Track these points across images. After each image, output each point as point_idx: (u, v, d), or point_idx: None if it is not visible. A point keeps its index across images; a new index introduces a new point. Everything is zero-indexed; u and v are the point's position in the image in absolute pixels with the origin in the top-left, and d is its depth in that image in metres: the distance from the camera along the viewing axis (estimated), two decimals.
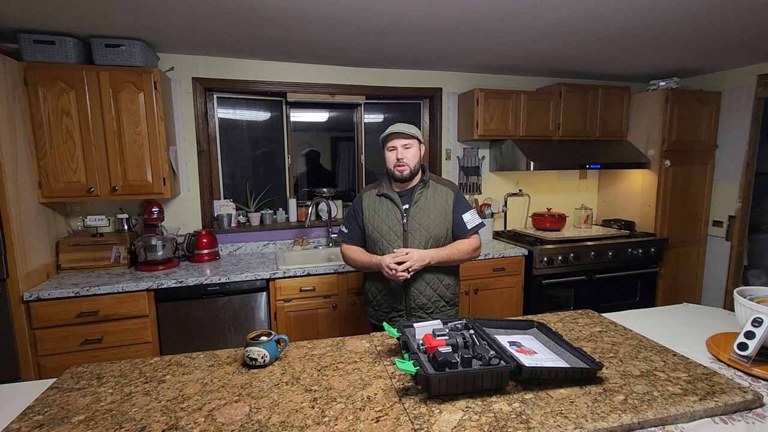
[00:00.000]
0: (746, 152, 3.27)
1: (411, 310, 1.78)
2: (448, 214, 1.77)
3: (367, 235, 1.82)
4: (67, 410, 1.09)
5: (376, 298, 1.84)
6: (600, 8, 2.03)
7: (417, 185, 1.78)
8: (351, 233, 1.88)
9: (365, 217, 1.82)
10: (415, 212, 1.74)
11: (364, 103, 3.33)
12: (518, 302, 3.01)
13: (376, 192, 1.83)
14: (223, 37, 2.40)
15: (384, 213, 1.78)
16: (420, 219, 1.74)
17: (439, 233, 1.75)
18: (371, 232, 1.79)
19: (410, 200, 1.76)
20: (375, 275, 1.81)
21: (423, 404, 1.06)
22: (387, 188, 1.81)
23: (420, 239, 1.73)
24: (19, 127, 2.18)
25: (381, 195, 1.81)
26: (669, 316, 1.78)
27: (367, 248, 1.86)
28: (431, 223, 1.74)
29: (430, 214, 1.75)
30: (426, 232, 1.73)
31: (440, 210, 1.76)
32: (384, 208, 1.78)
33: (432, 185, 1.80)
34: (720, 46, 2.70)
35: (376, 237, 1.78)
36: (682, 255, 3.47)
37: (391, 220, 1.76)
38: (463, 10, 2.03)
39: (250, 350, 1.28)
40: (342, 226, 1.92)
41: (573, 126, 3.31)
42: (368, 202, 1.83)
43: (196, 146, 2.89)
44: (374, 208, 1.80)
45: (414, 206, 1.75)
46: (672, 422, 1.02)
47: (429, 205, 1.76)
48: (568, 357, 1.23)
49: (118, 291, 2.22)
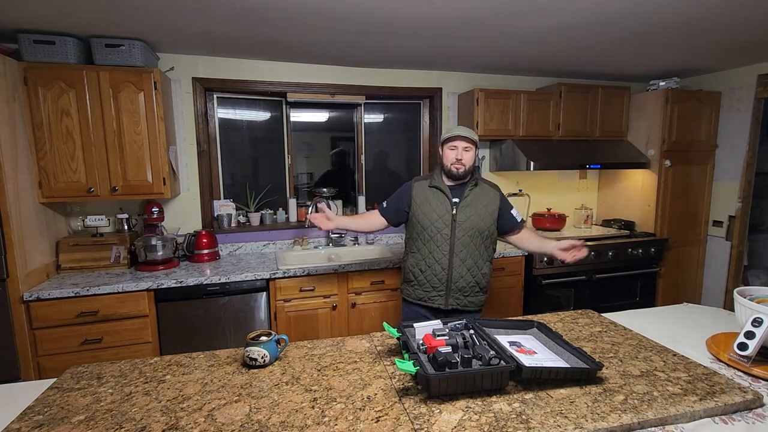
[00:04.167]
0: (746, 152, 3.27)
1: (450, 292, 1.92)
2: (494, 212, 1.95)
3: (416, 219, 1.95)
4: (67, 410, 1.09)
5: (418, 278, 1.96)
6: (600, 8, 2.03)
7: (468, 183, 1.94)
8: (388, 209, 2.05)
9: (414, 203, 1.96)
10: (464, 206, 1.91)
11: (364, 103, 3.33)
12: (518, 302, 3.01)
13: (428, 183, 1.97)
14: (222, 37, 2.40)
15: (435, 203, 1.92)
16: (468, 212, 1.90)
17: (482, 227, 1.91)
18: (421, 218, 1.93)
19: (460, 195, 1.92)
20: (419, 253, 1.95)
21: (423, 404, 1.06)
22: (439, 181, 1.95)
23: (466, 230, 1.89)
24: (19, 127, 2.18)
25: (433, 186, 1.95)
26: (669, 316, 1.78)
27: (413, 232, 1.99)
28: (477, 217, 1.90)
29: (477, 210, 1.91)
30: (472, 225, 1.89)
31: (486, 207, 1.93)
32: (435, 199, 1.93)
33: (481, 185, 1.97)
34: (720, 46, 2.69)
35: (425, 223, 1.92)
36: (682, 255, 3.47)
37: (441, 210, 1.91)
38: (464, 10, 2.03)
39: (250, 350, 1.28)
40: (384, 202, 2.08)
41: (573, 126, 3.31)
42: (419, 190, 1.97)
43: (196, 146, 2.89)
44: (425, 196, 1.95)
45: (464, 200, 1.91)
46: (672, 422, 1.02)
47: (477, 202, 1.92)
48: (568, 357, 1.23)
49: (118, 291, 2.22)
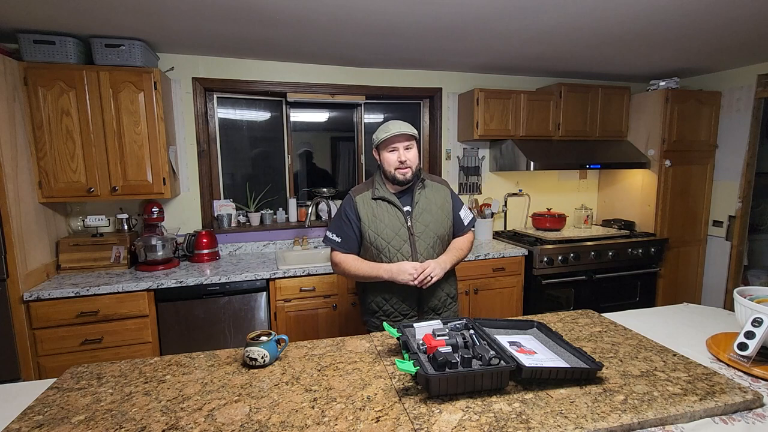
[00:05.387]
0: (746, 152, 3.27)
1: (423, 314, 1.71)
2: (448, 212, 1.72)
3: (369, 242, 1.67)
4: (67, 410, 1.09)
5: (383, 308, 1.71)
6: (600, 8, 2.03)
7: (415, 185, 1.69)
8: (344, 242, 1.69)
9: (364, 224, 1.66)
10: (418, 213, 1.66)
11: (364, 103, 3.33)
12: (518, 302, 3.01)
13: (371, 195, 1.68)
14: (223, 37, 2.40)
15: (386, 218, 1.65)
16: (425, 220, 1.66)
17: (443, 232, 1.70)
18: (374, 239, 1.65)
19: (411, 202, 1.67)
20: (379, 286, 1.68)
21: (423, 404, 1.06)
22: (383, 190, 1.68)
23: (427, 241, 1.65)
24: (19, 127, 2.18)
25: (377, 198, 1.67)
26: (669, 316, 1.78)
27: (366, 256, 1.71)
28: (436, 222, 1.67)
29: (433, 214, 1.68)
30: (432, 233, 1.66)
31: (441, 208, 1.70)
32: (385, 212, 1.66)
33: (428, 184, 1.73)
34: (720, 46, 2.69)
35: (380, 244, 1.64)
36: (682, 255, 3.46)
37: (395, 224, 1.64)
38: (464, 10, 2.03)
39: (250, 350, 1.28)
40: (329, 233, 1.72)
41: (573, 126, 3.31)
42: (364, 206, 1.68)
43: (196, 146, 2.89)
44: (373, 212, 1.66)
45: (416, 207, 1.67)
46: (672, 422, 1.02)
47: (431, 205, 1.69)
48: (568, 357, 1.23)
49: (118, 291, 2.22)
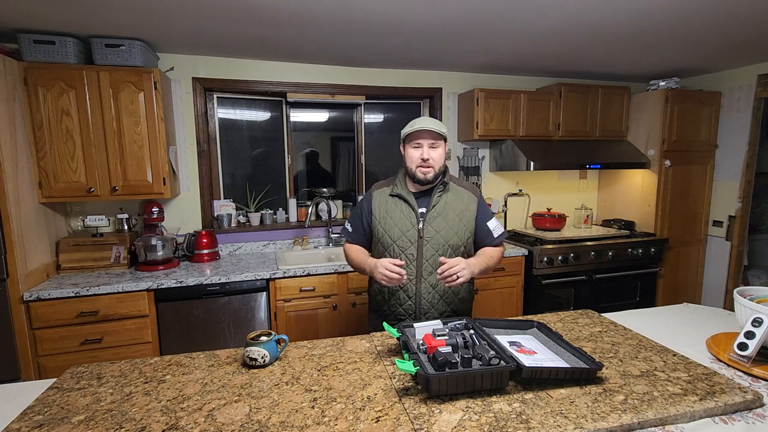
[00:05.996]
0: (746, 152, 3.27)
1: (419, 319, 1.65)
2: (469, 221, 1.62)
3: (377, 238, 1.64)
4: (67, 410, 1.09)
5: (383, 308, 1.68)
6: (600, 8, 2.03)
7: (436, 187, 1.61)
8: (354, 232, 1.71)
9: (374, 218, 1.64)
10: (432, 217, 1.58)
11: (364, 103, 3.33)
12: (518, 302, 3.01)
13: (389, 191, 1.65)
14: (223, 37, 2.40)
15: (397, 216, 1.60)
16: (437, 225, 1.58)
17: (457, 242, 1.59)
18: (381, 235, 1.61)
19: (427, 204, 1.59)
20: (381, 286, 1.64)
21: (423, 404, 1.06)
22: (402, 188, 1.63)
23: (436, 247, 1.57)
24: (19, 127, 2.18)
25: (395, 195, 1.63)
26: (669, 316, 1.78)
27: (374, 252, 1.69)
28: (449, 230, 1.58)
29: (448, 221, 1.58)
30: (443, 240, 1.57)
31: (460, 216, 1.60)
32: (397, 211, 1.61)
33: (452, 188, 1.64)
34: (720, 46, 2.69)
35: (386, 241, 1.60)
36: (682, 255, 3.46)
37: (405, 224, 1.59)
38: (464, 10, 2.03)
39: (250, 350, 1.28)
40: (347, 224, 1.76)
41: (573, 126, 3.31)
42: (379, 201, 1.65)
43: (196, 146, 2.89)
44: (386, 208, 1.63)
45: (432, 211, 1.58)
46: (672, 422, 1.02)
47: (448, 211, 1.60)
48: (568, 357, 1.23)
49: (118, 291, 2.22)
